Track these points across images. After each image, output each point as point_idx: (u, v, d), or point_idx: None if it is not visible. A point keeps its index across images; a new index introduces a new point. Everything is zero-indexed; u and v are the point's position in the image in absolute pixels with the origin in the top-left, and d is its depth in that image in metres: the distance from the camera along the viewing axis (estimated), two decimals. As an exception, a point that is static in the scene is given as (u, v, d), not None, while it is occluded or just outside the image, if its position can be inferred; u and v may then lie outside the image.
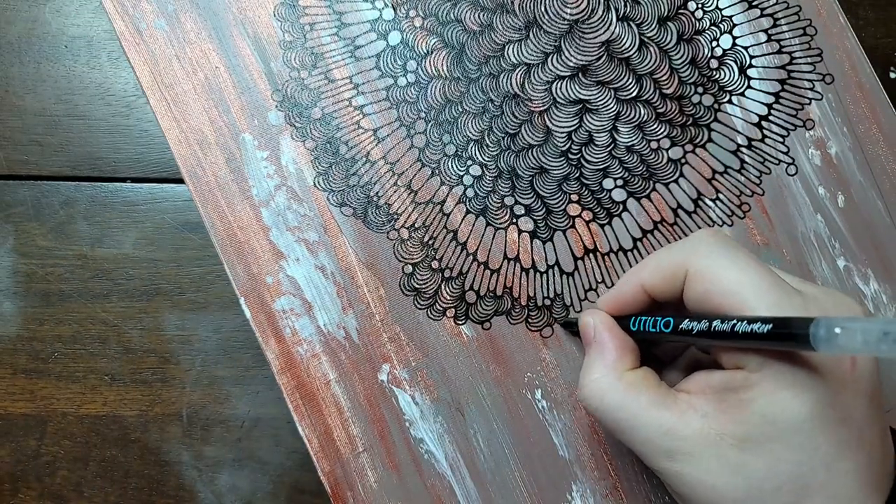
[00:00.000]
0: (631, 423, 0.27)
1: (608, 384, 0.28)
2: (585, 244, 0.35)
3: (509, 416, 0.34)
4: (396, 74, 0.35)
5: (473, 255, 0.34)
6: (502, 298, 0.34)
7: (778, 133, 0.36)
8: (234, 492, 0.35)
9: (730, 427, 0.25)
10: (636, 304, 0.30)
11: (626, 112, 0.35)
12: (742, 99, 0.36)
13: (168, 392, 0.35)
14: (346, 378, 0.33)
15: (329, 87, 0.35)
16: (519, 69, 0.35)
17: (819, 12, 0.36)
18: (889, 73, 0.38)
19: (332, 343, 0.33)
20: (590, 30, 0.35)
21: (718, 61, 0.36)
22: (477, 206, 0.34)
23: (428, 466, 0.33)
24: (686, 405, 0.27)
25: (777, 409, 0.24)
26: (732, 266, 0.26)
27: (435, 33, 0.35)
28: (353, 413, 0.33)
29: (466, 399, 0.33)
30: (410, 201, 0.34)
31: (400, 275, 0.34)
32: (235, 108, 0.34)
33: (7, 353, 0.35)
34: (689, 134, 0.35)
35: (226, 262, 0.33)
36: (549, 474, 0.33)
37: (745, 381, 0.25)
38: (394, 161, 0.34)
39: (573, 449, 0.34)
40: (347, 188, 0.34)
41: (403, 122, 0.35)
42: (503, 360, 0.34)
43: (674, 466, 0.26)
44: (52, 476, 0.35)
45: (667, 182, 0.35)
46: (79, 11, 0.37)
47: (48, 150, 0.36)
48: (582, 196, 0.35)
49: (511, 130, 0.35)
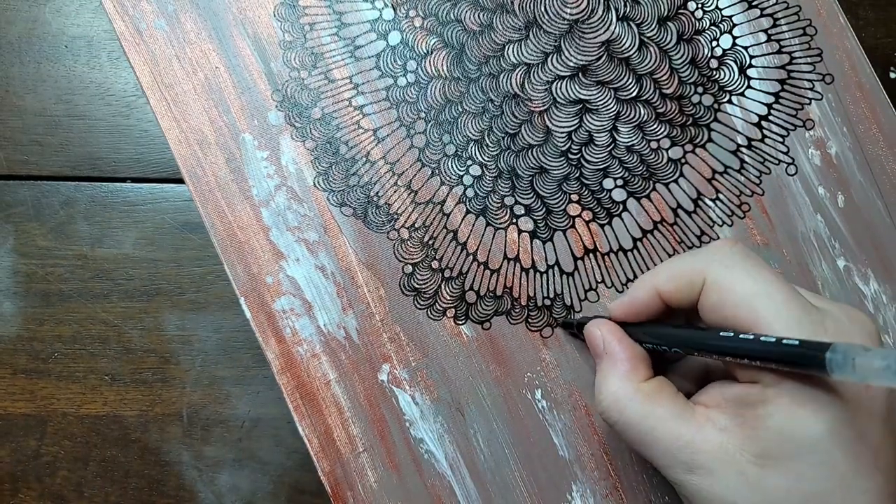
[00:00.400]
0: (651, 435, 0.27)
1: (626, 396, 0.28)
2: (585, 244, 0.35)
3: (509, 416, 0.34)
4: (396, 74, 0.35)
5: (473, 255, 0.34)
6: (502, 298, 0.34)
7: (778, 133, 0.36)
8: (235, 492, 0.35)
9: (748, 443, 0.25)
10: (650, 311, 0.30)
11: (626, 112, 0.35)
12: (742, 99, 0.36)
13: (168, 392, 0.35)
14: (346, 378, 0.33)
15: (329, 87, 0.35)
16: (519, 69, 0.35)
17: (819, 12, 0.36)
18: (889, 73, 0.38)
19: (332, 343, 0.33)
20: (590, 30, 0.35)
21: (718, 61, 0.36)
22: (477, 206, 0.34)
23: (428, 466, 0.33)
24: (704, 418, 0.27)
25: (794, 425, 0.24)
26: (749, 278, 0.26)
27: (435, 33, 0.35)
28: (353, 413, 0.33)
29: (466, 399, 0.33)
30: (410, 201, 0.34)
31: (400, 275, 0.34)
32: (235, 108, 0.34)
33: (7, 353, 0.35)
34: (689, 134, 0.35)
35: (226, 262, 0.33)
36: (549, 474, 0.33)
37: (761, 396, 0.25)
38: (394, 161, 0.34)
39: (573, 449, 0.34)
40: (347, 188, 0.34)
41: (403, 122, 0.35)
42: (503, 360, 0.34)
43: (692, 480, 0.26)
44: (53, 476, 0.35)
45: (667, 182, 0.35)
46: (79, 11, 0.37)
47: (48, 150, 0.36)
48: (582, 196, 0.35)
49: (511, 130, 0.35)
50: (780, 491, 0.25)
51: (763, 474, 0.25)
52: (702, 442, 0.26)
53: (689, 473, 0.26)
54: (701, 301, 0.28)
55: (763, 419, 0.25)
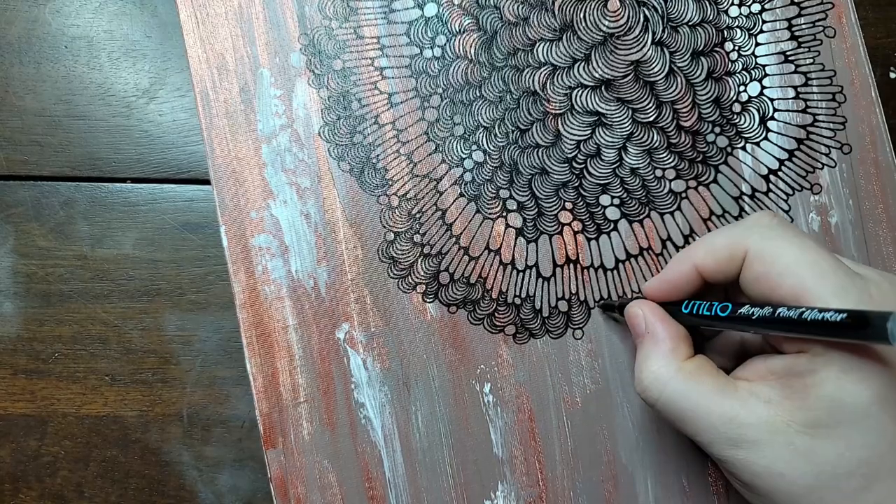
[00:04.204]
0: (694, 412, 0.27)
1: (668, 375, 0.28)
2: (568, 253, 0.35)
3: (454, 403, 0.34)
4: (424, 46, 0.35)
5: (457, 238, 0.34)
6: (474, 287, 0.34)
7: (783, 190, 0.36)
8: (235, 492, 0.35)
9: (797, 413, 0.25)
10: (687, 287, 0.30)
11: (640, 134, 0.35)
12: (756, 148, 0.36)
13: (168, 392, 0.36)
14: (304, 327, 0.33)
15: (356, 42, 0.35)
16: (544, 68, 0.35)
17: (853, 82, 0.36)
18: (889, 72, 0.38)
19: (298, 290, 0.33)
20: (623, 46, 0.35)
21: (742, 106, 0.36)
22: (471, 192, 0.35)
23: (363, 431, 0.33)
24: (748, 392, 0.27)
25: (845, 392, 0.24)
26: (793, 247, 0.26)
27: (471, 15, 0.35)
28: (302, 363, 0.33)
29: (416, 376, 0.34)
30: (408, 171, 0.34)
31: (381, 240, 0.34)
32: (261, 42, 0.34)
33: (7, 353, 0.36)
34: (696, 170, 0.35)
35: (215, 187, 0.33)
36: (479, 468, 0.33)
37: (809, 366, 0.25)
38: (401, 129, 0.35)
39: (508, 449, 0.34)
40: (350, 144, 0.34)
41: (420, 94, 0.35)
42: (461, 347, 0.34)
43: (738, 455, 0.26)
44: (53, 476, 0.35)
45: (663, 212, 0.35)
46: (79, 11, 0.37)
47: (48, 150, 0.37)
48: (576, 206, 0.35)
49: (522, 126, 0.35)
50: (831, 458, 0.25)
51: (813, 444, 0.25)
52: (747, 416, 0.26)
53: (734, 448, 0.26)
54: (743, 274, 0.27)
55: (812, 388, 0.25)
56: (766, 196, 0.35)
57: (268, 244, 0.34)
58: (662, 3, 0.36)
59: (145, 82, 0.37)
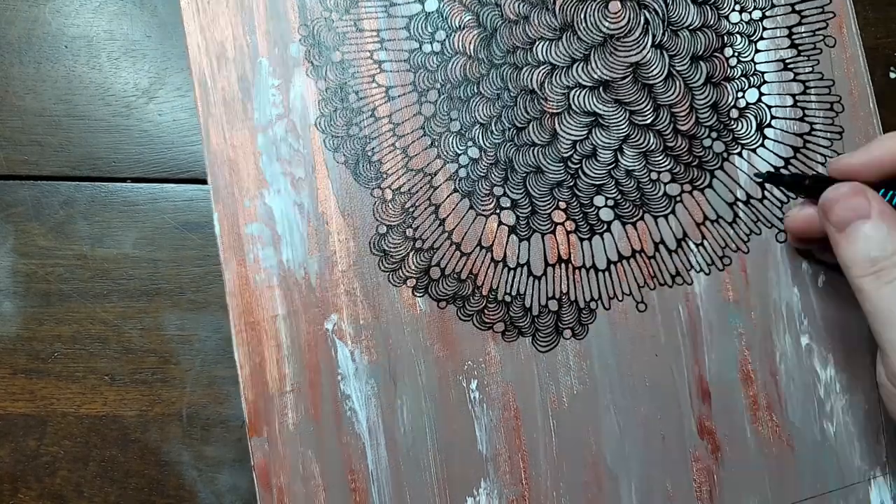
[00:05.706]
0: None
1: None
2: (560, 253, 0.35)
3: (440, 398, 0.34)
4: (423, 41, 0.35)
5: (449, 233, 0.34)
6: (465, 283, 0.34)
7: (778, 197, 0.35)
8: (234, 492, 0.35)
9: None
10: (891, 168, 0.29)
11: (636, 137, 0.35)
12: (752, 155, 0.36)
13: (168, 392, 0.36)
14: (293, 317, 0.33)
15: (355, 35, 0.35)
16: (543, 67, 0.35)
17: (851, 92, 0.36)
18: (889, 73, 0.38)
19: (289, 280, 0.33)
20: (623, 48, 0.35)
21: (739, 112, 0.36)
22: (465, 188, 0.35)
23: (348, 423, 0.33)
24: None
25: None
26: None
27: (472, 11, 0.35)
28: (290, 353, 0.33)
29: (403, 370, 0.34)
30: (403, 165, 0.34)
31: (373, 233, 0.34)
32: (261, 31, 0.35)
33: (7, 353, 0.36)
34: (691, 174, 0.35)
35: (210, 177, 0.33)
36: (462, 465, 0.33)
37: None
38: (398, 122, 0.35)
39: (492, 447, 0.33)
40: (346, 136, 0.34)
41: (417, 88, 0.35)
42: (449, 343, 0.34)
43: None
44: (52, 476, 0.35)
45: (656, 215, 0.35)
46: (79, 11, 0.37)
47: (48, 150, 0.37)
48: (570, 205, 0.35)
49: (519, 124, 0.35)
50: None
51: None
52: None
53: None
54: None
55: None
56: (760, 203, 0.35)
57: (260, 233, 0.34)
58: (663, 6, 0.36)
59: (145, 82, 0.37)
